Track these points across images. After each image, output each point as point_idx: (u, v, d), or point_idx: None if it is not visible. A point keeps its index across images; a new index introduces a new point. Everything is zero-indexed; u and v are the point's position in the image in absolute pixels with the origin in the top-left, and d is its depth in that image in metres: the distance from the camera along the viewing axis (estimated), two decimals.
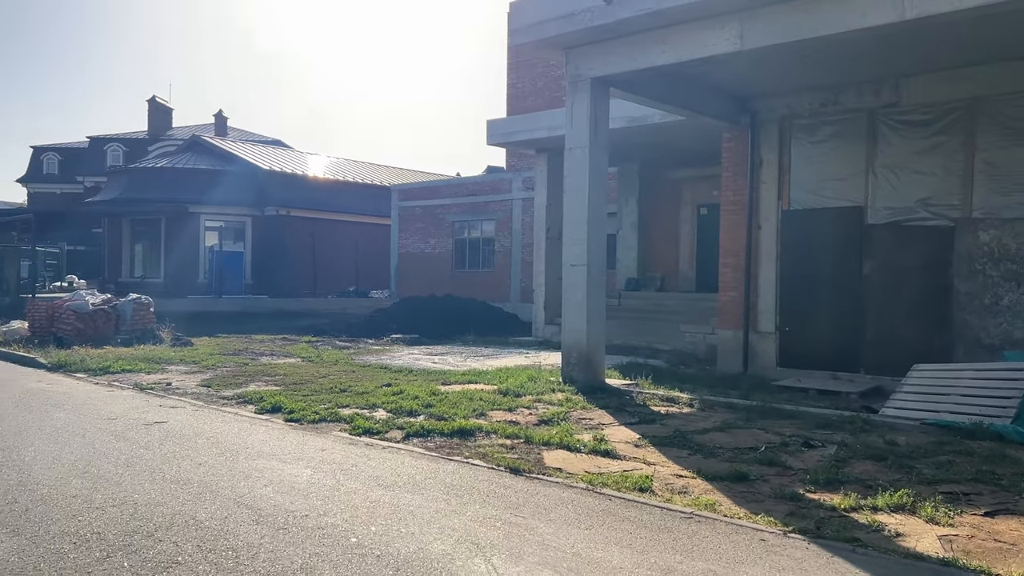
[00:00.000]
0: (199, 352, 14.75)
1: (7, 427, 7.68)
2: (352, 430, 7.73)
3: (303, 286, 31.46)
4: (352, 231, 33.31)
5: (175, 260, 30.88)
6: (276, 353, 15.17)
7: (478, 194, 26.68)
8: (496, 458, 6.55)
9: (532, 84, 25.54)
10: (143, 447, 6.87)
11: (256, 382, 11.04)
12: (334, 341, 18.01)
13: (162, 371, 12.19)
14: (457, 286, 26.07)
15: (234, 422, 8.23)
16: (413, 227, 28.85)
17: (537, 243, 18.49)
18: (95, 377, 11.63)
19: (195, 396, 9.89)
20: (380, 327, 20.63)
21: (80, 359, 12.89)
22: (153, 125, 66.25)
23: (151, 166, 32.65)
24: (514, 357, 14.62)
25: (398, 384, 10.56)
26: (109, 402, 9.40)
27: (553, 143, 17.38)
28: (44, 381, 11.19)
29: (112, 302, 16.59)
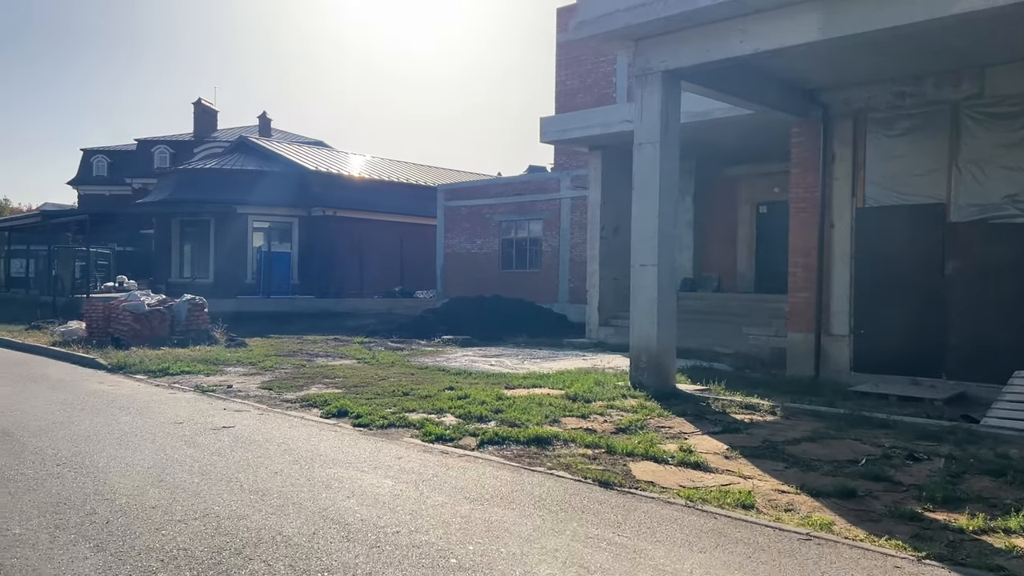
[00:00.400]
0: (254, 353, 14.67)
1: (77, 431, 7.57)
2: (424, 436, 7.46)
3: (349, 286, 31.48)
4: (397, 231, 33.26)
5: (223, 260, 31.13)
6: (331, 354, 15.03)
7: (525, 193, 26.36)
8: (581, 469, 6.22)
9: (581, 81, 25.13)
10: (215, 453, 6.67)
11: (317, 384, 10.86)
12: (386, 342, 17.83)
13: (221, 373, 12.09)
14: (504, 286, 25.78)
15: (302, 427, 8.02)
16: (459, 227, 28.64)
17: (590, 242, 18.11)
18: (155, 379, 11.57)
19: (258, 399, 9.73)
20: (430, 328, 20.43)
21: (139, 360, 12.86)
22: (198, 127, 67.24)
23: (200, 167, 32.98)
24: (571, 360, 14.27)
25: (461, 388, 10.28)
26: (173, 405, 9.27)
27: (608, 140, 17.02)
28: (106, 383, 11.15)
29: (167, 303, 16.63)
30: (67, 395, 9.87)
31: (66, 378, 11.54)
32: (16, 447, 6.77)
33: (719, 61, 9.85)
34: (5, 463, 6.20)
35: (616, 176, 18.03)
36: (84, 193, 68.27)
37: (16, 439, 7.11)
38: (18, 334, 17.38)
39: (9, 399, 9.46)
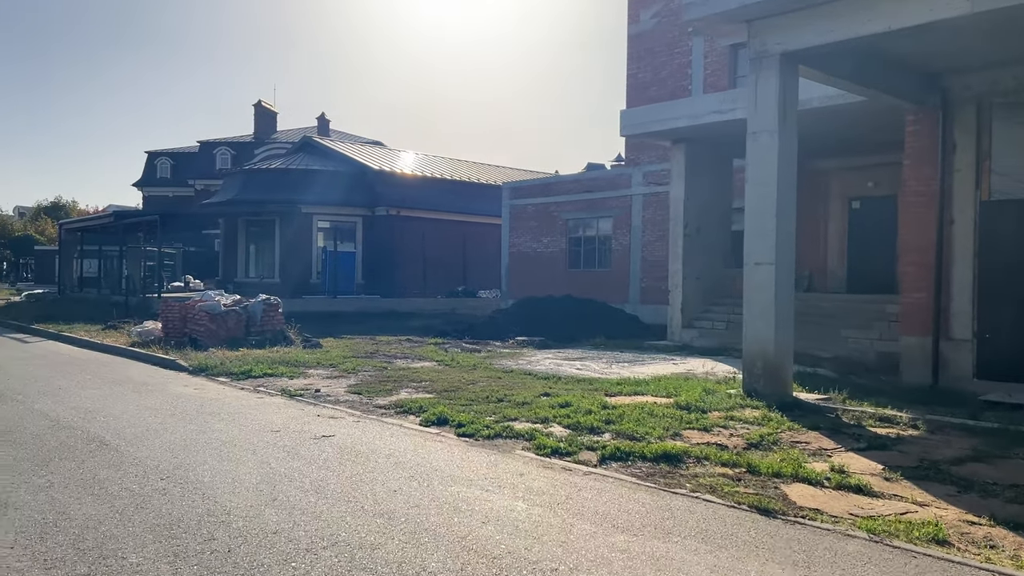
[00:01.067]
0: (332, 355, 14.32)
1: (172, 439, 7.20)
2: (537, 449, 6.88)
3: (413, 286, 31.22)
4: (459, 230, 32.89)
5: (289, 260, 31.18)
6: (408, 356, 14.60)
7: (594, 190, 25.65)
8: (729, 493, 5.55)
9: (654, 74, 24.30)
10: (322, 467, 6.20)
11: (405, 389, 10.39)
12: (460, 344, 17.34)
13: (304, 376, 11.73)
14: (571, 286, 25.13)
15: (404, 436, 7.51)
16: (525, 225, 28.07)
17: (672, 240, 17.33)
18: (238, 382, 11.26)
19: (349, 405, 9.28)
20: (502, 328, 19.90)
21: (219, 362, 12.61)
22: (259, 129, 68.21)
23: (265, 167, 33.12)
24: (661, 364, 13.54)
25: (558, 394, 9.68)
26: (264, 411, 8.89)
27: (693, 133, 16.22)
28: (190, 386, 10.88)
29: (242, 303, 16.44)
30: (155, 399, 9.58)
31: (150, 381, 11.30)
32: (115, 457, 6.40)
33: (842, 42, 9.04)
34: (107, 476, 5.82)
35: (699, 171, 17.23)
36: (148, 194, 69.80)
37: (113, 448, 6.76)
38: (97, 334, 17.41)
39: (99, 402, 9.20)
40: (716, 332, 16.58)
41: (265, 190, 31.40)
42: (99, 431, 7.49)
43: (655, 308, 23.41)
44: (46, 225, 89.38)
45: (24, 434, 7.31)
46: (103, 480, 5.70)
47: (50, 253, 71.14)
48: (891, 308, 14.91)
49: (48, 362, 13.49)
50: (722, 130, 15.94)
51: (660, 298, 23.67)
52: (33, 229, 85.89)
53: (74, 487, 5.50)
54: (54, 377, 11.48)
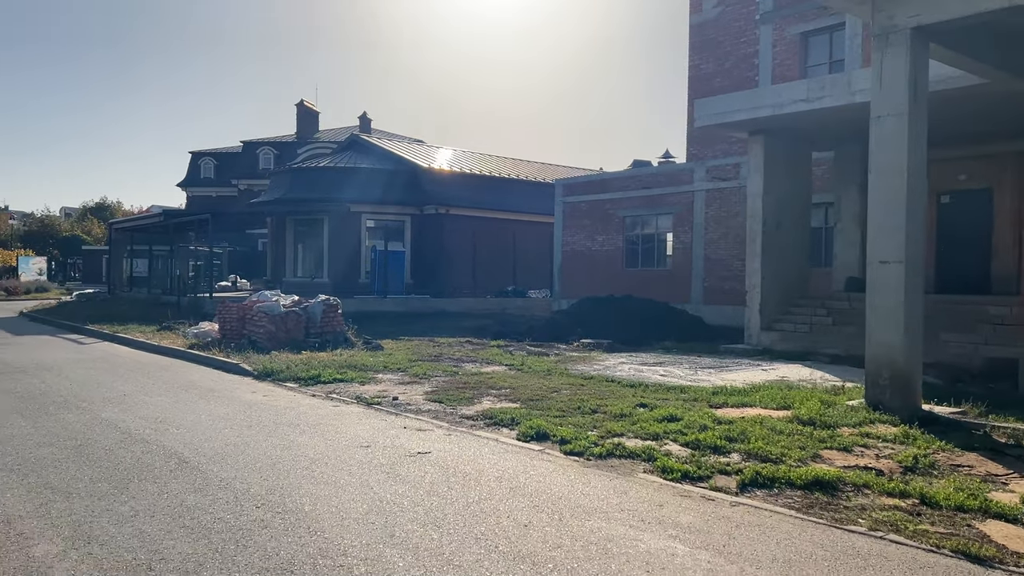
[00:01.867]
0: (396, 358, 13.68)
1: (257, 456, 6.55)
2: (662, 473, 6.09)
3: (462, 286, 30.58)
4: (509, 229, 32.17)
5: (338, 259, 30.76)
6: (475, 359, 13.90)
7: (653, 187, 24.72)
8: (916, 532, 4.70)
9: (717, 64, 23.32)
10: (430, 492, 5.49)
11: (487, 397, 9.66)
12: (524, 346, 16.60)
13: (374, 381, 11.07)
14: (628, 286, 24.27)
15: (505, 454, 6.77)
16: (579, 223, 27.24)
17: (750, 238, 16.36)
18: (307, 388, 10.64)
19: (432, 415, 8.58)
20: (563, 330, 19.14)
21: (284, 366, 12.02)
22: (301, 128, 68.34)
23: (313, 165, 32.77)
24: (749, 371, 12.64)
25: (655, 405, 8.88)
26: (345, 422, 8.22)
27: (775, 123, 15.25)
28: (259, 392, 10.28)
29: (302, 304, 15.89)
30: (226, 407, 8.99)
31: (216, 386, 10.74)
32: (199, 480, 5.76)
33: (983, 14, 8.08)
34: (195, 502, 5.17)
35: (777, 164, 16.24)
36: (192, 194, 70.30)
37: (194, 467, 6.13)
38: (152, 335, 17.03)
39: (169, 411, 8.63)
40: (798, 335, 15.59)
41: (313, 189, 31.04)
42: (175, 445, 6.87)
43: (718, 309, 22.45)
44: (92, 225, 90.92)
45: (96, 448, 6.73)
46: (192, 508, 5.05)
47: (97, 253, 72.15)
48: (995, 310, 13.82)
49: (107, 365, 13.06)
50: (806, 120, 14.98)
51: (724, 298, 22.71)
52: (80, 229, 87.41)
53: (161, 517, 4.86)
54: (116, 382, 10.98)
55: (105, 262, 70.02)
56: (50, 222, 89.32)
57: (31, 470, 5.99)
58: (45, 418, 8.13)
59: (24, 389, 10.13)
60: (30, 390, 10.07)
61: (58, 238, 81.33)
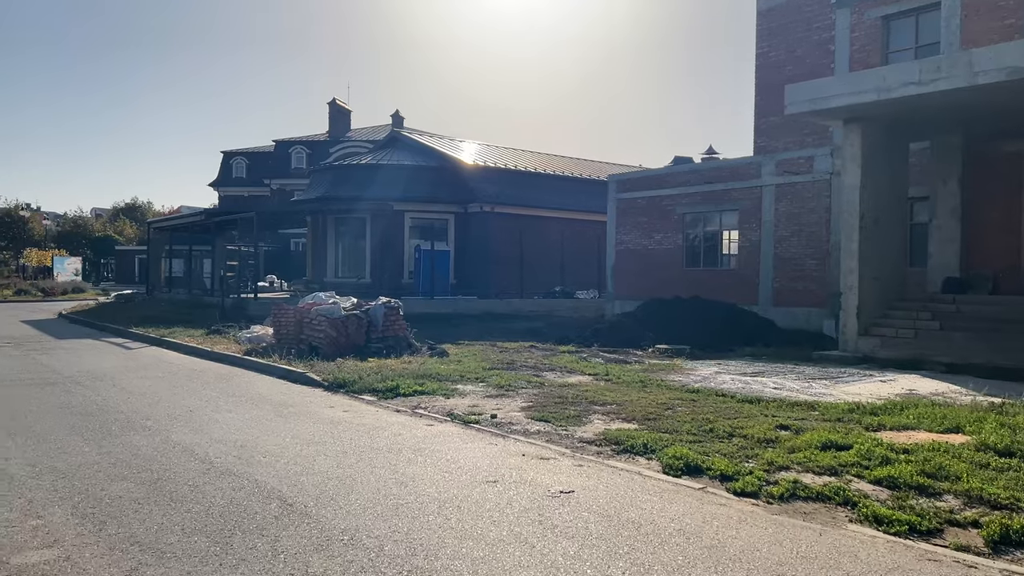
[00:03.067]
0: (468, 365, 12.58)
1: (371, 496, 5.45)
2: (876, 523, 4.91)
3: (509, 286, 29.47)
4: (556, 227, 31.02)
5: (381, 260, 29.81)
6: (553, 367, 12.77)
7: (716, 181, 23.39)
8: None
9: (788, 52, 21.94)
10: (611, 553, 4.34)
11: (593, 414, 8.52)
12: (597, 352, 15.45)
13: (459, 394, 9.97)
14: (688, 286, 23.03)
15: (664, 494, 5.62)
16: (634, 221, 25.97)
17: (846, 235, 15.04)
18: (388, 401, 9.57)
19: (545, 438, 7.45)
20: (631, 334, 17.97)
21: (356, 376, 10.95)
22: (333, 127, 67.70)
23: (356, 163, 31.86)
24: (866, 382, 11.39)
25: (798, 427, 7.70)
26: (450, 445, 7.12)
27: (878, 109, 13.95)
28: (337, 407, 9.22)
29: (363, 307, 14.86)
30: (308, 427, 7.92)
31: (288, 400, 9.69)
32: (315, 531, 4.66)
33: None
34: (324, 569, 4.06)
35: (875, 155, 14.92)
36: (224, 194, 69.96)
37: (302, 512, 5.04)
38: (203, 340, 16.09)
39: (245, 432, 7.58)
40: (902, 341, 14.26)
41: (355, 186, 30.12)
42: (269, 480, 5.80)
43: (788, 311, 21.12)
44: (124, 226, 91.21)
45: (178, 484, 5.68)
46: None
47: (129, 253, 72.11)
48: None
49: (163, 374, 12.09)
50: (913, 106, 13.67)
51: (795, 300, 21.35)
52: (112, 230, 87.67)
53: None
54: (178, 395, 9.99)
55: (138, 262, 70.11)
56: (83, 222, 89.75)
57: (108, 515, 4.94)
58: (110, 441, 7.11)
59: (79, 403, 9.16)
60: (86, 405, 9.10)
61: (91, 238, 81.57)
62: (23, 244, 77.58)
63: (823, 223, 20.66)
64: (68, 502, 5.20)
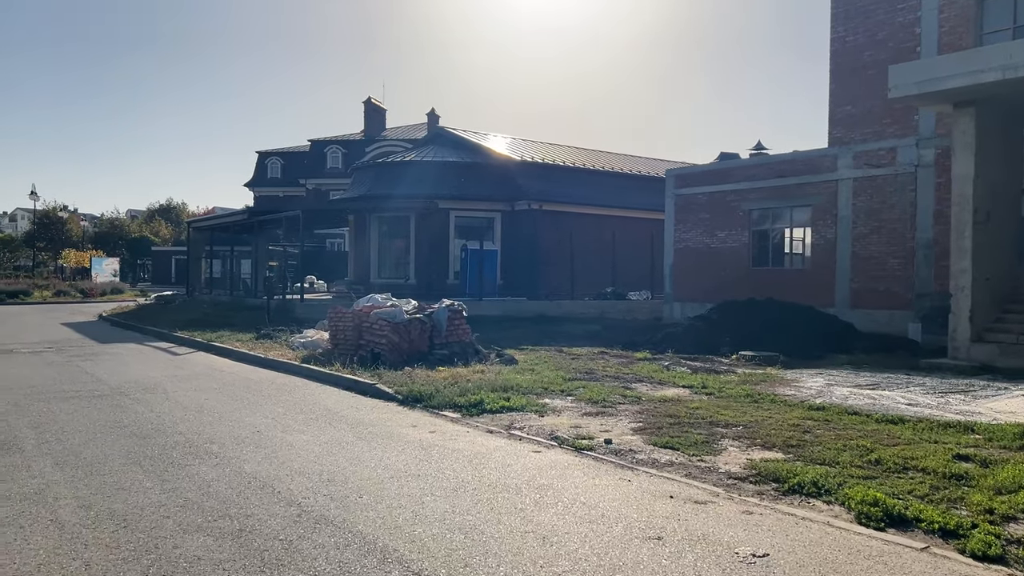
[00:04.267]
0: (545, 375, 11.38)
1: (518, 561, 4.27)
2: None
3: (558, 287, 28.26)
4: (608, 226, 29.69)
5: (425, 260, 28.78)
6: (638, 377, 11.56)
7: (787, 175, 21.96)
8: None
9: (868, 36, 20.43)
10: None
11: (723, 440, 7.28)
12: (679, 360, 14.20)
13: (552, 411, 8.78)
14: (756, 287, 21.63)
15: (886, 558, 4.37)
16: (695, 218, 24.62)
17: (956, 232, 13.62)
18: (474, 419, 8.41)
19: (681, 471, 6.23)
20: (706, 338, 16.67)
21: (431, 388, 9.80)
22: (369, 126, 67.02)
23: (400, 160, 30.84)
24: (1008, 398, 10.02)
25: (977, 457, 6.43)
26: (572, 481, 5.93)
27: (996, 91, 12.54)
28: (421, 426, 8.08)
29: (426, 310, 13.75)
30: (398, 453, 6.78)
31: (363, 417, 8.58)
32: None
33: None
34: None
35: (990, 143, 13.48)
36: (259, 195, 69.58)
37: None
38: (253, 345, 15.10)
39: (328, 461, 6.45)
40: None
41: (398, 184, 29.08)
42: (378, 533, 4.65)
43: (868, 314, 19.66)
44: (160, 226, 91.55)
45: (267, 539, 4.55)
46: None
47: (166, 254, 72.09)
48: None
49: (217, 384, 11.06)
50: None
51: (876, 302, 19.87)
52: (148, 230, 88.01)
53: None
54: (238, 410, 8.93)
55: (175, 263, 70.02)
56: (119, 223, 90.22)
57: None
58: (174, 473, 6.04)
59: (132, 421, 8.13)
60: (139, 423, 8.06)
61: (127, 239, 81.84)
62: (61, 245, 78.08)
63: (907, 219, 19.19)
64: (136, 567, 4.10)
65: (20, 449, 6.75)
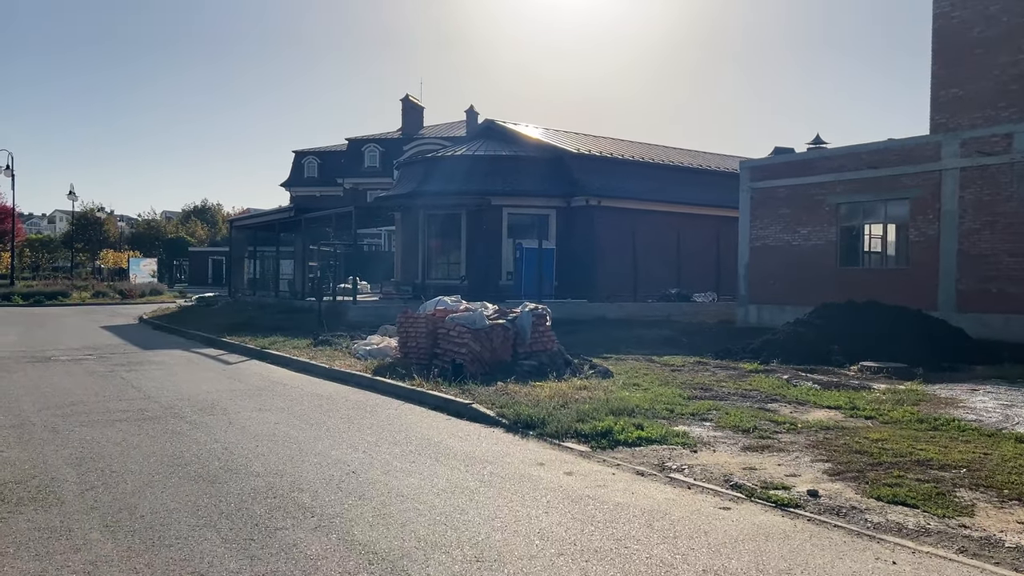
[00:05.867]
0: (656, 392, 9.69)
1: None
2: None
3: (619, 288, 26.52)
4: (672, 223, 27.90)
5: (477, 259, 27.17)
6: (771, 396, 9.81)
7: (881, 166, 20.00)
8: None
9: (978, 10, 18.51)
10: None
11: (962, 491, 5.55)
12: (796, 372, 12.43)
13: (702, 443, 7.09)
14: (843, 288, 19.74)
15: None
16: (773, 213, 22.72)
17: None
18: (608, 453, 6.76)
19: (946, 542, 4.53)
20: (811, 346, 14.86)
21: (541, 410, 8.13)
22: (406, 124, 65.82)
23: (450, 154, 29.30)
24: None
25: None
26: (812, 562, 4.25)
27: None
28: (550, 465, 6.43)
29: (508, 315, 12.13)
30: (550, 513, 5.14)
31: (472, 450, 6.95)
32: None
33: None
34: None
35: None
36: (296, 194, 68.64)
37: None
38: (312, 353, 13.59)
39: (461, 523, 4.82)
40: None
41: (448, 180, 27.52)
42: None
43: (979, 318, 17.67)
44: (195, 227, 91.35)
45: None
46: None
47: (203, 254, 71.53)
48: None
49: (283, 402, 9.53)
50: None
51: (988, 304, 17.85)
52: (184, 231, 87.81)
53: None
54: (319, 439, 7.36)
55: (211, 263, 69.42)
56: (155, 224, 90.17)
57: None
58: (261, 541, 4.46)
59: (195, 456, 6.59)
60: (204, 459, 6.52)
61: (164, 240, 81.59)
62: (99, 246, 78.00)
63: None
64: None
65: (59, 500, 5.24)
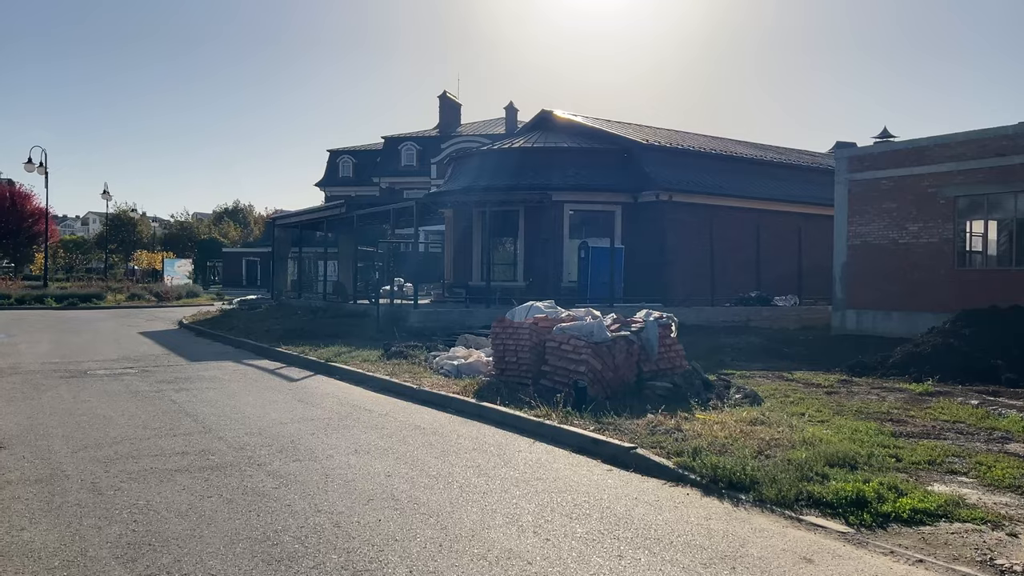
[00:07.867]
0: (848, 429, 7.55)
1: None
2: None
3: (693, 290, 24.32)
4: (752, 220, 25.63)
5: (536, 259, 25.04)
6: (996, 435, 7.62)
7: (1009, 153, 17.64)
8: None
9: None
10: None
11: None
12: (983, 396, 10.19)
13: (1002, 520, 4.95)
14: (961, 291, 17.50)
15: None
16: (875, 208, 20.38)
17: None
18: (885, 537, 4.65)
19: None
20: (965, 361, 12.64)
21: (739, 463, 6.01)
22: (443, 122, 64.12)
23: (505, 147, 27.28)
24: None
25: None
26: None
27: None
28: (817, 560, 4.34)
29: (630, 325, 10.04)
30: None
31: (675, 531, 4.85)
32: None
33: None
34: None
35: None
36: (331, 194, 67.06)
37: None
38: (390, 368, 11.55)
39: None
40: None
41: (504, 175, 25.47)
42: None
43: None
44: (228, 228, 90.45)
45: None
46: None
47: (236, 255, 70.32)
48: None
49: (380, 438, 7.49)
50: None
51: None
52: (216, 232, 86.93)
53: None
54: (458, 506, 5.30)
55: (245, 264, 68.15)
56: (188, 225, 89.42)
57: None
58: None
59: (297, 540, 4.54)
60: (311, 545, 4.46)
61: (197, 241, 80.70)
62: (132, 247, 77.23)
63: None
64: None
65: None
